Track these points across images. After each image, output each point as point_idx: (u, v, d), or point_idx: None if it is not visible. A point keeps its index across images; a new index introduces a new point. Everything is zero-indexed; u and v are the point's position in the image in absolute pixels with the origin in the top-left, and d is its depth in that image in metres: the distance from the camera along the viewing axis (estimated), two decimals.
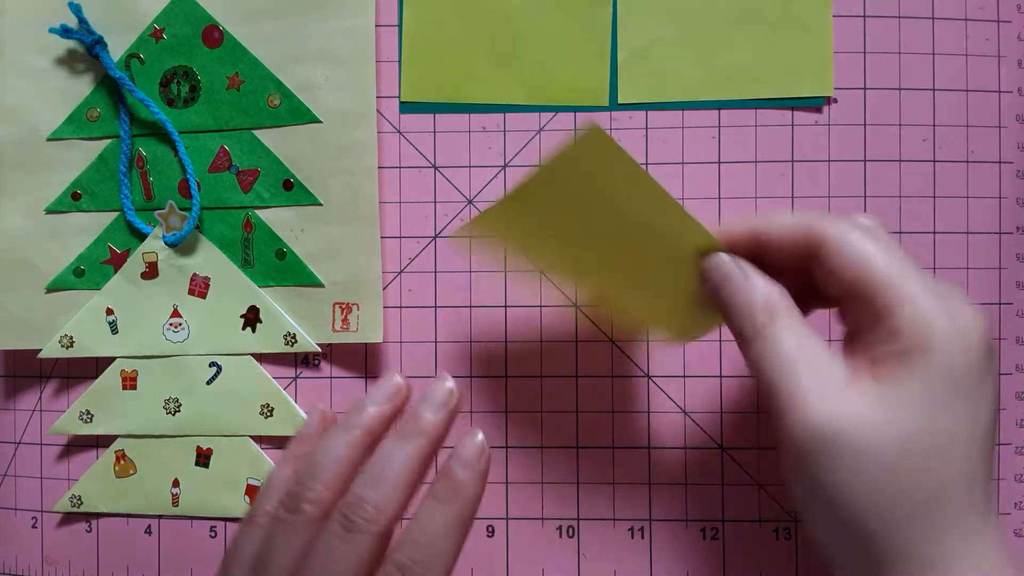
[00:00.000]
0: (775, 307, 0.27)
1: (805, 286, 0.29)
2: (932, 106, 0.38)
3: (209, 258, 0.39)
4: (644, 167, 0.38)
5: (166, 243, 0.39)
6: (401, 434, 0.28)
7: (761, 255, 0.29)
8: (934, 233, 0.38)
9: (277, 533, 0.27)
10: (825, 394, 0.25)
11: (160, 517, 0.40)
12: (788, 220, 0.29)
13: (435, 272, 0.39)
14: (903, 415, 0.25)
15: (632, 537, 0.38)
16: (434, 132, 0.39)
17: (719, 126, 0.38)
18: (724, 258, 0.29)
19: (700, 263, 0.30)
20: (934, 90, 0.38)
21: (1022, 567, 0.25)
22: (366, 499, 0.27)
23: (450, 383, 0.29)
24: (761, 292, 0.28)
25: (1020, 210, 0.38)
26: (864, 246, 0.27)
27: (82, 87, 0.39)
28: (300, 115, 0.38)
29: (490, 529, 0.39)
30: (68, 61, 0.39)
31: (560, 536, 0.39)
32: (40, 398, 0.41)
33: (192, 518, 0.40)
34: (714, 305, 0.30)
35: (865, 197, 0.38)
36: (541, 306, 0.39)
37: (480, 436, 0.29)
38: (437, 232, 0.39)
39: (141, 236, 0.39)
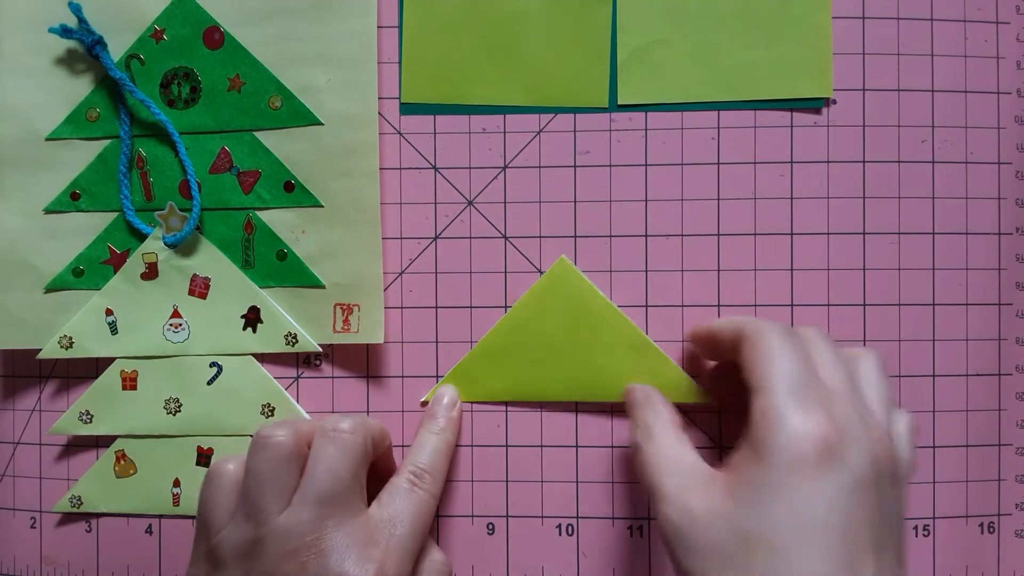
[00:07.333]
0: (651, 428, 0.33)
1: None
2: (931, 107, 0.38)
3: (209, 259, 0.39)
4: (644, 168, 0.38)
5: (166, 244, 0.39)
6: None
7: (715, 349, 0.35)
8: (933, 234, 0.38)
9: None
10: (680, 492, 0.29)
11: (161, 517, 0.40)
12: (730, 320, 0.34)
13: (436, 273, 0.39)
14: (736, 503, 0.27)
15: (632, 535, 0.39)
16: (434, 133, 0.39)
17: (718, 127, 0.38)
18: (634, 388, 0.36)
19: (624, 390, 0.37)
20: (933, 91, 0.38)
21: None
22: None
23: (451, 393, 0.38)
24: (642, 417, 0.34)
25: (1019, 211, 0.38)
26: (768, 342, 0.30)
27: (82, 87, 0.39)
28: (301, 117, 0.38)
29: (490, 527, 0.39)
30: (68, 61, 0.39)
31: (560, 534, 0.39)
32: (40, 398, 0.41)
33: (193, 518, 0.40)
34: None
35: (864, 198, 0.38)
36: None
37: (452, 391, 0.38)
38: (438, 233, 0.39)
39: (141, 237, 0.39)
